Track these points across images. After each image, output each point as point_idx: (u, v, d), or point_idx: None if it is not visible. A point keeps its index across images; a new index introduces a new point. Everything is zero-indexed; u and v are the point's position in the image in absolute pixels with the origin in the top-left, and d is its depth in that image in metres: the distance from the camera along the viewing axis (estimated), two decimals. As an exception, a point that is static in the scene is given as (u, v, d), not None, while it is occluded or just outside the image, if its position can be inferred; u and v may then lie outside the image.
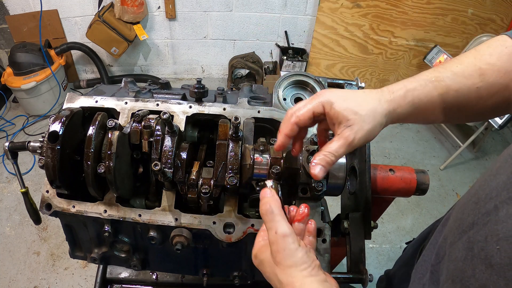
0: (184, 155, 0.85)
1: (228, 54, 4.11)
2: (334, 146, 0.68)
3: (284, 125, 0.72)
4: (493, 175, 0.66)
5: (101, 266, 1.29)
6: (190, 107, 0.97)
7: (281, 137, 0.72)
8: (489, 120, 2.83)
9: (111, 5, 3.47)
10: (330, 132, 0.78)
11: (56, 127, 0.80)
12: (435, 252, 0.80)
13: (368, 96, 0.71)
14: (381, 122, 0.70)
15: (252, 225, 0.87)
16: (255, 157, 0.85)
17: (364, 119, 0.67)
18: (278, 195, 0.66)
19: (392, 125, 0.78)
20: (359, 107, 0.68)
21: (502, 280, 0.54)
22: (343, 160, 0.87)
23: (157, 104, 0.97)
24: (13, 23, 3.56)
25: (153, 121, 0.88)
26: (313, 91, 1.06)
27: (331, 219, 1.10)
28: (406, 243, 1.39)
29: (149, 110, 0.95)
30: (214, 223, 0.87)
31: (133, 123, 0.89)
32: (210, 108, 0.97)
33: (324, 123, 0.74)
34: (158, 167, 0.76)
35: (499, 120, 2.77)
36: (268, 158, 0.84)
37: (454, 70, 0.73)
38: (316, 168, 0.67)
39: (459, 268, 0.64)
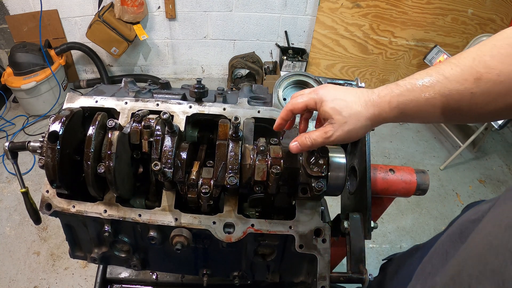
0: (184, 155, 0.85)
1: (228, 54, 4.11)
2: (315, 134, 0.77)
3: (283, 109, 0.83)
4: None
5: (101, 266, 1.29)
6: (190, 107, 0.97)
7: (278, 119, 0.84)
8: (489, 120, 2.83)
9: (111, 5, 3.47)
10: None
11: (56, 127, 0.80)
12: None
13: (357, 98, 0.75)
14: (365, 124, 0.74)
15: (252, 225, 0.87)
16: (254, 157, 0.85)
17: (346, 120, 0.73)
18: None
19: (392, 125, 0.79)
20: (344, 108, 0.74)
21: None
22: (343, 160, 0.87)
23: (157, 104, 0.97)
24: (13, 23, 3.56)
25: (153, 121, 0.88)
26: (313, 91, 1.06)
27: (331, 219, 1.09)
28: (383, 260, 1.32)
29: (149, 110, 0.95)
30: (214, 223, 0.87)
31: (133, 123, 0.89)
32: (210, 108, 0.97)
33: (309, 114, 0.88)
34: (158, 167, 0.76)
35: (499, 121, 2.78)
36: (268, 158, 0.84)
37: (447, 74, 0.69)
38: (293, 143, 0.79)
39: None
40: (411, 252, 1.15)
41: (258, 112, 0.98)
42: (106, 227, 0.90)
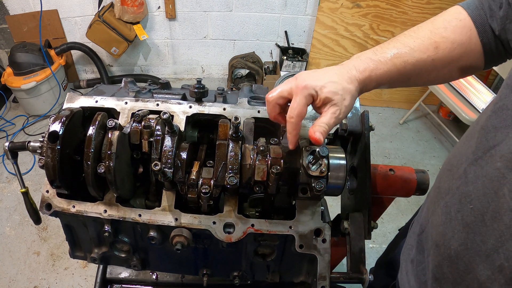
0: (184, 155, 0.85)
1: (228, 54, 4.11)
2: (325, 119, 0.77)
3: (292, 127, 0.79)
4: (462, 143, 0.73)
5: (101, 266, 1.29)
6: (190, 107, 0.97)
7: (294, 138, 0.80)
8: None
9: (111, 5, 3.47)
10: None
11: (56, 127, 0.80)
12: (419, 224, 0.86)
13: (341, 76, 0.80)
14: (355, 96, 0.81)
15: (252, 225, 0.87)
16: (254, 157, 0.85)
17: (344, 97, 0.78)
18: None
19: (392, 124, 0.85)
20: (338, 88, 0.78)
21: (478, 236, 0.59)
22: (343, 160, 0.87)
23: (157, 104, 0.97)
24: (13, 23, 3.56)
25: (153, 121, 0.88)
26: (313, 91, 1.06)
27: (331, 219, 1.09)
28: (399, 230, 1.42)
29: (149, 110, 0.95)
30: (214, 223, 0.87)
31: (133, 123, 0.89)
32: (210, 108, 0.97)
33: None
34: (158, 167, 0.76)
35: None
36: (268, 158, 0.84)
37: (411, 45, 0.81)
38: (316, 133, 0.75)
39: (440, 232, 0.71)
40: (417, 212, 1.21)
41: (258, 112, 0.98)
42: (106, 227, 0.90)
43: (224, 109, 0.97)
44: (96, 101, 0.97)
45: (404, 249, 0.95)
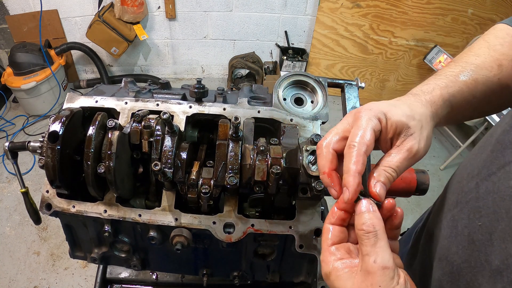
0: (184, 155, 0.85)
1: (228, 54, 4.11)
2: (395, 159, 0.56)
3: (351, 161, 0.55)
4: (474, 155, 0.67)
5: (101, 266, 1.29)
6: (190, 107, 0.97)
7: (356, 179, 0.54)
8: (489, 120, 2.83)
9: (111, 5, 3.47)
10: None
11: (56, 127, 0.80)
12: (423, 233, 0.83)
13: (410, 100, 0.64)
14: (431, 125, 0.62)
15: (252, 225, 0.87)
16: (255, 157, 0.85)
17: (421, 124, 0.59)
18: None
19: None
20: (412, 112, 0.59)
21: (483, 255, 0.55)
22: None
23: (157, 104, 0.97)
24: (13, 23, 3.56)
25: (153, 121, 0.88)
26: (313, 91, 1.06)
27: (331, 219, 1.09)
28: (400, 235, 1.42)
29: (149, 110, 0.95)
30: (214, 223, 0.87)
31: (133, 123, 0.89)
32: (210, 108, 0.97)
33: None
34: (158, 167, 0.76)
35: (498, 120, 2.78)
36: (268, 158, 0.84)
37: (476, 62, 0.72)
38: (377, 186, 0.56)
39: (444, 246, 0.67)
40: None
41: (258, 112, 0.97)
42: (106, 227, 0.90)
43: (224, 109, 0.97)
44: (96, 101, 0.97)
45: (406, 258, 0.93)
